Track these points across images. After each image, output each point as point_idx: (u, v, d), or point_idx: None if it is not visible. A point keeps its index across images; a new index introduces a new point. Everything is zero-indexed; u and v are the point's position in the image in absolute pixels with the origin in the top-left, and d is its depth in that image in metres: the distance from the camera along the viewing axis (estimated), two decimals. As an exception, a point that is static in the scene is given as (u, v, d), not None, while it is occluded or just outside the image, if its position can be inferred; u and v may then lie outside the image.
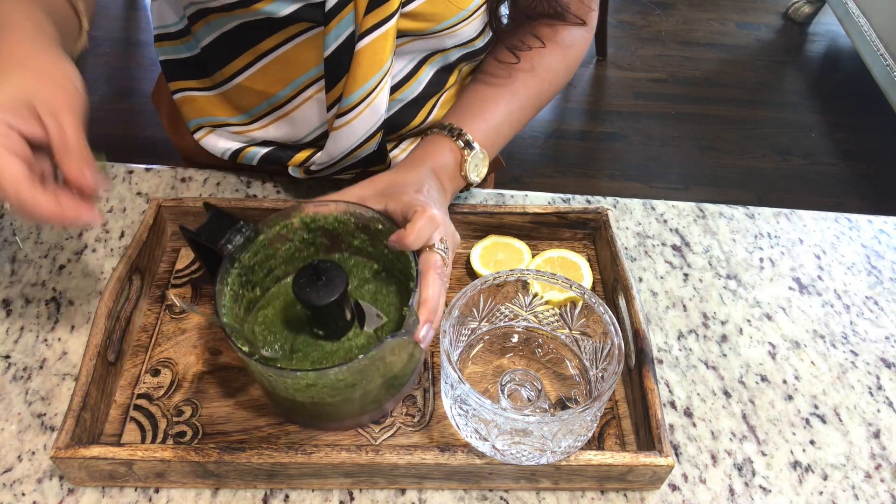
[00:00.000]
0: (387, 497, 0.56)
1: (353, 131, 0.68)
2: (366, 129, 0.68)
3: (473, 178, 0.69)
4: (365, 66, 0.63)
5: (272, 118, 0.73)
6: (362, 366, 0.51)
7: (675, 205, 0.82)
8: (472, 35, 0.69)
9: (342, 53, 0.64)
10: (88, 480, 0.55)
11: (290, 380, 0.51)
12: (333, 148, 0.70)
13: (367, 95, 0.65)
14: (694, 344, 0.68)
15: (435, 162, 0.67)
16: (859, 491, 0.58)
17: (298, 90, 0.69)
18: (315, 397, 0.53)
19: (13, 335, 0.65)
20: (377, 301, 0.61)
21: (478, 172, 0.69)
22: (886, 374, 0.67)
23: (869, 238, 0.81)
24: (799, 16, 2.83)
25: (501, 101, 0.73)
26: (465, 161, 0.68)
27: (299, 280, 0.53)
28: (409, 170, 0.65)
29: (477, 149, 0.68)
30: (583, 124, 2.35)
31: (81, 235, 0.74)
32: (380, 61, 0.63)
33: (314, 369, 0.51)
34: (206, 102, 0.75)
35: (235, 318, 0.56)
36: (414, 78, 0.71)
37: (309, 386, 0.51)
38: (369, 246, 0.62)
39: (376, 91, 0.65)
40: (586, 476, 0.55)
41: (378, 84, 0.65)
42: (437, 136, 0.70)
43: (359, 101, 0.66)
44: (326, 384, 0.51)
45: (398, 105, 0.73)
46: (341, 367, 0.50)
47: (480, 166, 0.69)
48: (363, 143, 0.70)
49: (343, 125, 0.67)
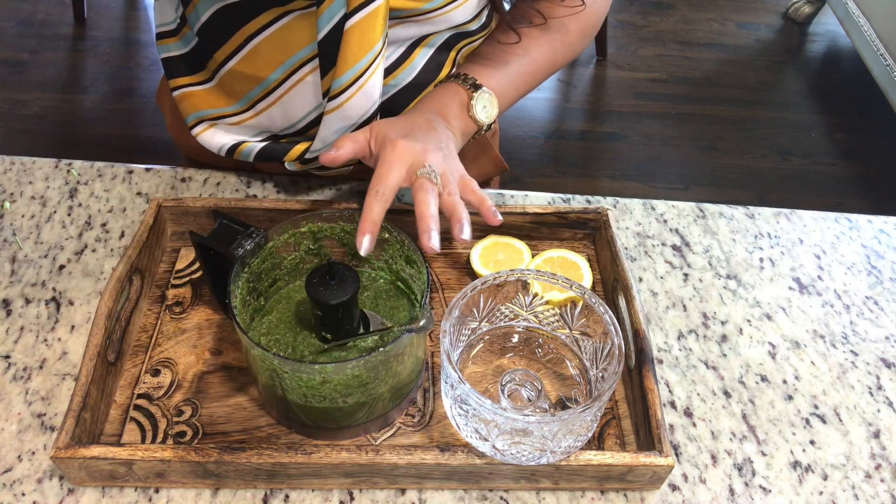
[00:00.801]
0: (387, 497, 0.56)
1: (346, 115, 0.68)
2: (359, 113, 0.68)
3: (482, 117, 0.69)
4: (355, 46, 0.63)
5: (265, 104, 0.72)
6: (378, 361, 0.51)
7: (675, 205, 0.82)
8: (464, 18, 0.69)
9: (335, 36, 0.63)
10: (88, 480, 0.55)
11: (306, 375, 0.51)
12: (327, 133, 0.70)
13: (359, 77, 0.65)
14: (694, 344, 0.68)
15: (439, 103, 0.68)
16: (859, 491, 0.58)
17: (289, 72, 0.69)
18: (327, 397, 0.53)
19: (13, 335, 0.65)
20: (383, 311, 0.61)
21: (487, 113, 0.69)
22: (886, 374, 0.67)
23: (869, 238, 0.81)
24: (799, 16, 2.83)
25: (514, 56, 0.73)
26: (471, 100, 0.68)
27: (312, 279, 0.54)
28: (412, 115, 0.66)
29: (484, 89, 0.69)
30: (583, 124, 2.35)
31: (81, 235, 0.74)
32: (370, 41, 0.63)
33: (332, 362, 0.51)
34: (202, 96, 0.75)
35: (243, 323, 0.56)
36: (407, 62, 0.71)
37: (324, 383, 0.51)
38: (373, 256, 0.63)
39: (368, 73, 0.65)
40: (586, 476, 0.55)
41: (370, 66, 0.64)
42: (444, 83, 0.71)
43: (350, 83, 0.65)
44: (341, 381, 0.51)
45: (392, 90, 0.72)
46: (358, 361, 0.50)
47: (489, 107, 0.70)
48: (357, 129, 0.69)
49: (335, 108, 0.67)
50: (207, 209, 0.71)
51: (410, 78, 0.73)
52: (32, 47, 2.49)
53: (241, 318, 0.56)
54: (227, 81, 0.72)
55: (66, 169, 0.82)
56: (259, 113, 0.73)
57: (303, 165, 0.75)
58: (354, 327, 0.58)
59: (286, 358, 0.52)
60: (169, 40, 0.75)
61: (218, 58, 0.70)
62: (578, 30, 0.77)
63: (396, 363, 0.54)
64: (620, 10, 2.86)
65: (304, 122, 0.73)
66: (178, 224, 0.72)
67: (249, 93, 0.72)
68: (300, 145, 0.74)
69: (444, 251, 0.74)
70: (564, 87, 2.47)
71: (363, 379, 0.52)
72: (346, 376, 0.51)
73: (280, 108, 0.72)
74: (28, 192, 0.79)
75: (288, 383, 0.52)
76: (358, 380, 0.52)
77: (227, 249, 0.56)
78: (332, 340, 0.58)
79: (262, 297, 0.61)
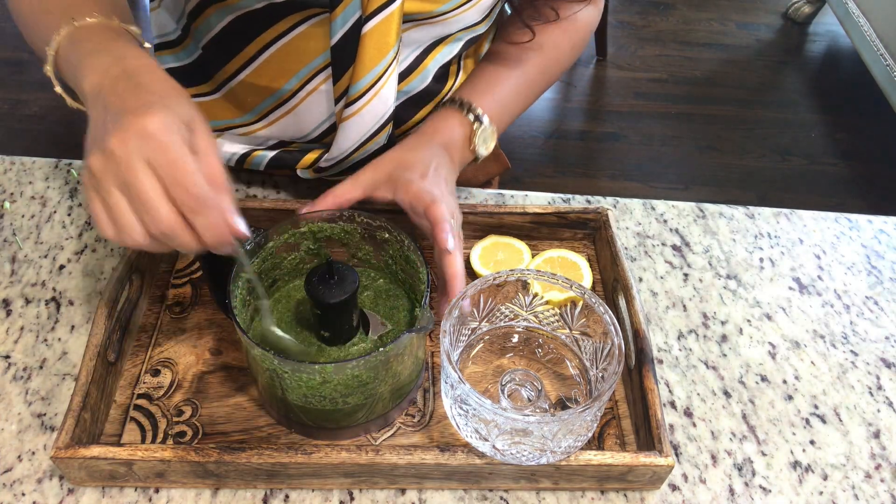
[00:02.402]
0: (387, 497, 0.56)
1: (363, 122, 0.67)
2: (375, 119, 0.68)
3: (482, 151, 0.69)
4: (371, 51, 0.63)
5: (277, 115, 0.72)
6: (378, 361, 0.51)
7: (675, 205, 0.82)
8: (476, 19, 0.69)
9: (349, 40, 0.63)
10: (88, 480, 0.55)
11: (306, 374, 0.51)
12: (343, 141, 0.69)
13: (376, 82, 0.65)
14: (694, 344, 0.68)
15: (444, 137, 0.67)
16: (859, 491, 0.58)
17: (303, 82, 0.68)
18: (327, 397, 0.53)
19: (13, 335, 0.65)
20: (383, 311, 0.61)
21: (486, 146, 0.69)
22: (886, 374, 0.67)
23: (869, 238, 0.81)
24: (799, 16, 2.83)
25: (509, 77, 0.73)
26: (474, 134, 0.68)
27: (311, 278, 0.54)
28: (417, 148, 0.65)
29: (486, 122, 0.69)
30: (583, 124, 2.35)
31: (81, 235, 0.74)
32: (386, 45, 0.63)
33: (332, 362, 0.51)
34: (208, 107, 0.74)
35: (243, 324, 0.56)
36: (420, 69, 0.71)
37: (324, 383, 0.51)
38: (373, 257, 0.63)
39: (384, 78, 0.65)
40: (586, 476, 0.55)
41: (386, 70, 0.64)
42: (447, 110, 0.70)
43: (367, 89, 0.65)
44: (341, 381, 0.51)
45: (403, 97, 0.72)
46: (358, 361, 0.50)
47: (489, 140, 0.70)
48: (373, 136, 0.69)
49: (352, 115, 0.67)
50: (207, 209, 0.71)
51: (424, 85, 0.73)
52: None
53: (241, 319, 0.56)
54: (238, 93, 0.72)
55: (66, 169, 0.82)
56: (271, 123, 0.73)
57: (316, 174, 0.75)
58: (353, 327, 0.58)
59: (286, 358, 0.52)
60: (169, 51, 0.74)
61: (228, 70, 0.70)
62: (571, 44, 0.77)
63: (397, 363, 0.54)
64: (620, 10, 2.86)
65: (317, 132, 0.73)
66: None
67: (261, 104, 0.71)
68: (312, 153, 0.73)
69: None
70: (564, 87, 2.47)
71: (363, 379, 0.52)
72: (346, 376, 0.51)
73: (293, 117, 0.72)
74: (28, 192, 0.79)
75: (288, 383, 0.52)
76: (358, 380, 0.52)
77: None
78: (329, 340, 0.57)
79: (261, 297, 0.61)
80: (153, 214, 0.43)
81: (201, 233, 0.45)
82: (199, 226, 0.44)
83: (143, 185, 0.43)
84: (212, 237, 0.45)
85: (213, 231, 0.45)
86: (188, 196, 0.43)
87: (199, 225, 0.44)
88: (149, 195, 0.43)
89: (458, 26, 0.68)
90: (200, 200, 0.43)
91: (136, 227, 0.44)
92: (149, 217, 0.43)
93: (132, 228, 0.44)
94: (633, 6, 2.89)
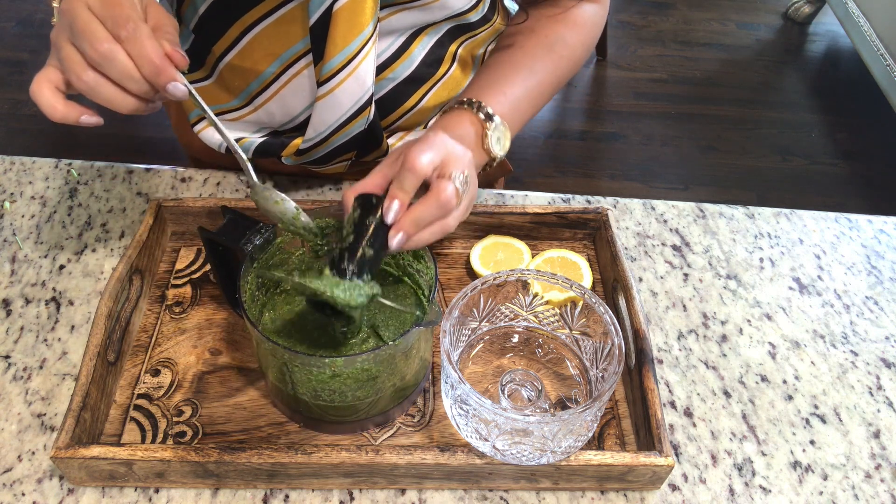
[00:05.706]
0: (387, 497, 0.56)
1: (338, 103, 0.67)
2: (352, 101, 0.67)
3: (497, 150, 0.66)
4: (343, 28, 0.62)
5: (263, 99, 0.72)
6: (387, 355, 0.52)
7: (675, 205, 0.82)
8: (462, 6, 0.68)
9: (325, 21, 0.63)
10: (88, 480, 0.55)
11: (317, 368, 0.51)
12: (318, 121, 0.69)
13: (349, 62, 0.64)
14: (694, 344, 0.68)
15: (454, 133, 0.64)
16: (859, 491, 0.58)
17: (286, 65, 0.68)
18: (336, 391, 0.53)
19: (13, 335, 0.65)
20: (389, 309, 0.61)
21: (501, 145, 0.67)
22: (886, 374, 0.67)
23: (869, 238, 0.81)
24: (799, 16, 2.83)
25: (519, 77, 0.72)
26: (486, 132, 0.65)
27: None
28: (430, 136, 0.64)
29: (498, 120, 0.66)
30: (583, 124, 2.35)
31: (81, 235, 0.74)
32: (359, 23, 0.62)
33: (342, 355, 0.51)
34: (203, 92, 0.75)
35: (253, 318, 0.56)
36: (405, 55, 0.71)
37: (333, 377, 0.52)
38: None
39: (359, 57, 0.64)
40: (586, 476, 0.55)
41: (360, 50, 0.64)
42: (456, 109, 0.68)
43: (340, 67, 0.64)
44: (351, 374, 0.52)
45: (391, 84, 0.72)
46: (368, 355, 0.51)
47: (503, 139, 0.67)
48: (351, 119, 0.69)
49: (326, 94, 0.66)
50: (207, 209, 0.71)
51: (409, 71, 0.72)
52: (32, 47, 2.49)
53: (251, 313, 0.56)
54: (226, 77, 0.72)
55: (66, 169, 0.82)
56: (257, 108, 0.73)
57: (298, 158, 0.75)
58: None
59: (297, 352, 0.52)
60: None
61: (216, 51, 0.70)
62: (579, 42, 0.76)
63: (404, 361, 0.54)
64: (620, 10, 2.86)
65: (302, 117, 0.73)
66: (178, 224, 0.72)
67: (247, 87, 0.72)
68: (297, 140, 0.74)
69: (444, 251, 0.74)
70: (564, 87, 2.47)
71: (373, 373, 0.52)
72: (355, 370, 0.51)
73: (278, 102, 0.72)
74: (28, 192, 0.79)
75: (298, 377, 0.53)
76: (368, 373, 0.52)
77: (237, 245, 0.56)
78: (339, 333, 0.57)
79: (270, 291, 0.61)
80: (88, 37, 0.48)
81: (137, 61, 0.49)
82: (134, 53, 0.48)
83: (80, 18, 0.48)
84: (148, 65, 0.49)
85: (147, 58, 0.48)
86: (117, 25, 0.48)
87: (133, 53, 0.48)
88: (86, 25, 0.48)
89: (442, 14, 0.67)
90: (130, 27, 0.48)
91: (76, 58, 0.49)
92: (87, 44, 0.48)
93: (73, 62, 0.49)
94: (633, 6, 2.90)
